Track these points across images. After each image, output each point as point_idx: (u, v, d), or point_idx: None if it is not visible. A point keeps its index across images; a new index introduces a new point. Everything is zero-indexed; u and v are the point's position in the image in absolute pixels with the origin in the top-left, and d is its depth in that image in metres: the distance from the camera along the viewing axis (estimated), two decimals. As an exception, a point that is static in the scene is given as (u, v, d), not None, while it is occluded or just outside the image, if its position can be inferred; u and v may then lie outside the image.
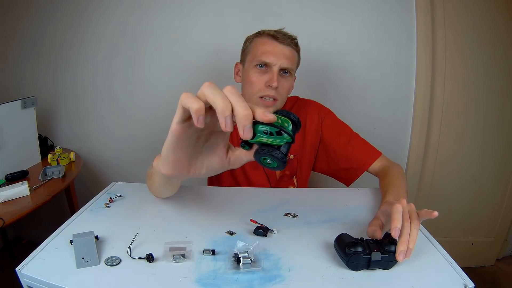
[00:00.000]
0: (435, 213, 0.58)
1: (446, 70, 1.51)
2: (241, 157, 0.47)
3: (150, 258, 0.57)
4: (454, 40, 1.48)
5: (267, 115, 0.37)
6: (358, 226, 0.70)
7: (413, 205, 0.61)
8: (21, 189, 1.12)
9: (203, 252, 0.59)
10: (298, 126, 0.41)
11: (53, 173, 1.31)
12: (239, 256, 0.55)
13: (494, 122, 1.58)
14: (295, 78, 1.05)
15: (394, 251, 0.53)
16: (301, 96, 1.13)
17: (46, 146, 1.61)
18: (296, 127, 0.41)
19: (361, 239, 0.56)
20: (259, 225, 0.67)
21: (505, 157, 1.63)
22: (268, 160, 0.41)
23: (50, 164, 1.42)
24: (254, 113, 0.37)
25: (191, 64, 1.57)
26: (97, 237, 0.61)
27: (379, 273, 0.54)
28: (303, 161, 1.08)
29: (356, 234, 0.59)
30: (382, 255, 0.53)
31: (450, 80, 1.53)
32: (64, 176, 1.31)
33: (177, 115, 0.40)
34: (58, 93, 1.66)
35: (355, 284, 0.52)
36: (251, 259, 0.55)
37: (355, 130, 1.05)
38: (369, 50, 1.51)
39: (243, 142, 0.42)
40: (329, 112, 1.08)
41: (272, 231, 0.67)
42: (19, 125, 1.35)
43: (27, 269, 0.55)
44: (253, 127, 0.37)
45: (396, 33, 1.49)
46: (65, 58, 1.61)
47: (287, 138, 0.39)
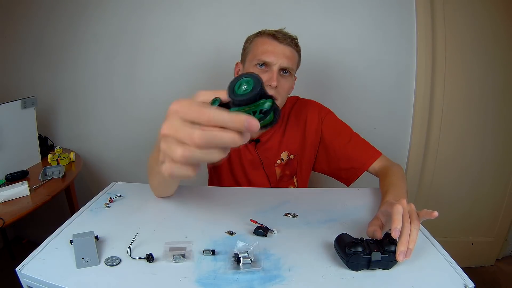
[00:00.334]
0: (435, 213, 0.58)
1: (446, 70, 1.51)
2: None
3: (150, 258, 0.57)
4: (454, 40, 1.48)
5: (250, 128, 0.32)
6: (358, 226, 0.70)
7: (413, 205, 0.61)
8: (21, 189, 1.12)
9: (203, 252, 0.59)
10: (259, 88, 0.35)
11: (53, 173, 1.31)
12: (239, 256, 0.56)
13: (494, 122, 1.58)
14: (295, 78, 1.05)
15: (394, 251, 0.53)
16: (301, 96, 1.13)
17: (46, 146, 1.62)
18: (262, 90, 0.35)
19: (361, 239, 0.56)
20: (259, 225, 0.67)
21: (505, 157, 1.63)
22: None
23: (50, 164, 1.42)
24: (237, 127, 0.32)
25: (191, 64, 1.57)
26: (97, 237, 0.61)
27: (379, 273, 0.54)
28: (303, 161, 1.08)
29: (356, 234, 0.59)
30: (382, 255, 0.53)
31: (450, 80, 1.52)
32: (64, 176, 1.31)
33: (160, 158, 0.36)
34: (58, 93, 1.66)
35: (355, 284, 0.52)
36: (251, 259, 0.55)
37: (355, 130, 1.05)
38: (369, 50, 1.51)
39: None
40: (329, 112, 1.08)
41: (272, 231, 0.67)
42: (19, 125, 1.35)
43: (27, 269, 0.55)
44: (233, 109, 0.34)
45: (396, 33, 1.49)
46: (65, 58, 1.61)
47: (272, 110, 0.35)
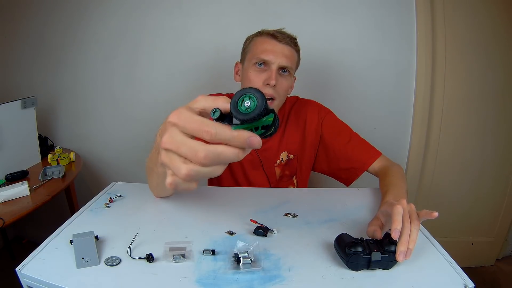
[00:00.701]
0: (435, 214, 0.58)
1: (446, 70, 1.51)
2: None
3: (150, 258, 0.57)
4: (454, 40, 1.48)
5: (252, 145, 0.33)
6: (358, 226, 0.70)
7: (413, 206, 0.61)
8: (21, 189, 1.12)
9: (203, 252, 0.59)
10: (263, 107, 0.35)
11: (53, 173, 1.31)
12: (239, 256, 0.55)
13: (494, 122, 1.58)
14: (295, 78, 1.05)
15: (394, 251, 0.53)
16: (301, 96, 1.13)
17: (46, 146, 1.61)
18: (266, 106, 0.36)
19: (361, 239, 0.56)
20: (259, 225, 0.67)
21: (505, 157, 1.63)
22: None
23: (50, 164, 1.42)
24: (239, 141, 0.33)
25: (191, 64, 1.57)
26: (97, 237, 0.61)
27: (379, 273, 0.54)
28: (303, 161, 1.08)
29: (356, 234, 0.59)
30: (382, 255, 0.53)
31: (450, 80, 1.52)
32: (64, 176, 1.31)
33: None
34: (58, 93, 1.66)
35: (355, 284, 0.52)
36: (251, 259, 0.55)
37: (355, 130, 1.05)
38: (369, 50, 1.51)
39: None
40: (329, 112, 1.08)
41: (272, 231, 0.67)
42: (19, 125, 1.35)
43: (27, 269, 0.55)
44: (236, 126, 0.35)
45: (396, 33, 1.49)
46: (65, 58, 1.61)
47: (274, 124, 0.36)
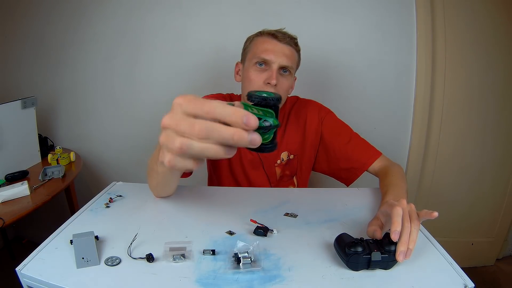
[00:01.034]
0: (435, 214, 0.58)
1: (446, 70, 1.51)
2: None
3: (150, 258, 0.57)
4: (454, 40, 1.48)
5: (249, 124, 0.32)
6: (358, 226, 0.70)
7: (413, 206, 0.61)
8: (21, 189, 1.12)
9: (203, 252, 0.59)
10: (277, 106, 0.37)
11: (53, 173, 1.31)
12: (239, 256, 0.55)
13: (494, 122, 1.58)
14: (295, 78, 1.05)
15: (394, 251, 0.53)
16: (301, 96, 1.13)
17: (46, 146, 1.61)
18: (276, 109, 0.37)
19: (361, 239, 0.56)
20: (259, 225, 0.67)
21: (505, 157, 1.63)
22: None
23: (50, 164, 1.42)
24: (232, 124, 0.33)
25: (191, 64, 1.57)
26: (97, 237, 0.61)
27: (379, 273, 0.54)
28: (303, 161, 1.08)
29: (356, 234, 0.59)
30: (382, 255, 0.53)
31: (450, 80, 1.52)
32: (64, 176, 1.31)
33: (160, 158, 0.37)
34: (58, 93, 1.66)
35: (355, 284, 0.52)
36: (251, 259, 0.55)
37: (355, 130, 1.05)
38: (369, 50, 1.51)
39: None
40: (329, 112, 1.08)
41: (272, 231, 0.67)
42: (19, 125, 1.35)
43: (27, 269, 0.55)
44: None
45: (396, 33, 1.49)
46: (65, 58, 1.61)
47: (274, 128, 0.37)
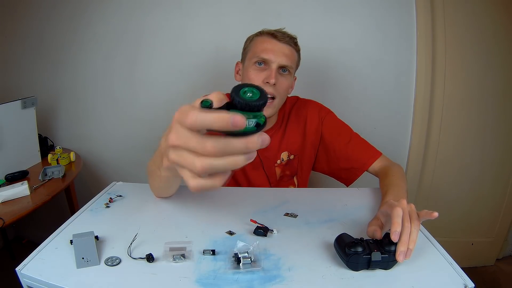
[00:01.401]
0: (435, 214, 0.58)
1: (446, 70, 1.51)
2: None
3: (150, 258, 0.57)
4: (454, 40, 1.48)
5: (237, 126, 0.31)
6: (358, 226, 0.70)
7: (413, 206, 0.61)
8: (21, 189, 1.12)
9: (203, 252, 0.59)
10: (262, 104, 0.34)
11: (53, 173, 1.31)
12: (239, 256, 0.56)
13: (494, 122, 1.58)
14: (295, 78, 1.05)
15: (394, 251, 0.53)
16: (301, 96, 1.13)
17: (46, 146, 1.61)
18: (261, 103, 0.34)
19: (361, 239, 0.56)
20: (259, 225, 0.67)
21: (505, 157, 1.63)
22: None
23: (50, 164, 1.42)
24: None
25: (191, 64, 1.57)
26: (97, 237, 0.61)
27: (379, 273, 0.54)
28: (303, 161, 1.08)
29: (356, 234, 0.60)
30: (382, 255, 0.53)
31: (450, 80, 1.52)
32: (64, 176, 1.31)
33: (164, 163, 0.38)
34: (58, 93, 1.66)
35: (355, 284, 0.52)
36: (251, 259, 0.55)
37: (355, 130, 1.05)
38: (369, 50, 1.51)
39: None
40: (329, 112, 1.08)
41: (272, 231, 0.67)
42: (19, 125, 1.35)
43: (27, 269, 0.55)
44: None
45: (396, 33, 1.49)
46: (65, 58, 1.61)
47: (263, 127, 0.34)
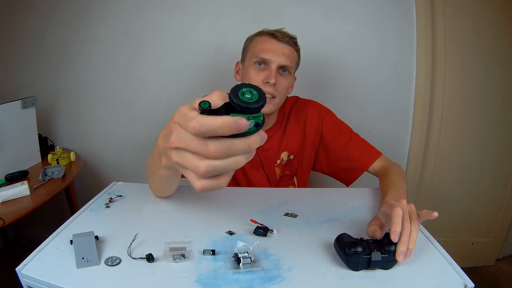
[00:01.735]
0: (435, 214, 0.58)
1: (446, 70, 1.51)
2: None
3: (150, 258, 0.57)
4: (454, 40, 1.48)
5: (240, 129, 0.31)
6: (358, 226, 0.70)
7: (413, 206, 0.61)
8: (21, 189, 1.11)
9: (203, 252, 0.59)
10: (261, 106, 0.35)
11: (53, 173, 1.31)
12: (239, 256, 0.56)
13: (494, 122, 1.58)
14: (295, 78, 1.05)
15: (394, 251, 0.53)
16: (301, 96, 1.13)
17: (46, 146, 1.61)
18: (260, 103, 0.35)
19: (361, 239, 0.56)
20: (259, 225, 0.67)
21: (505, 156, 1.63)
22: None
23: (50, 164, 1.42)
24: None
25: (191, 64, 1.57)
26: (97, 237, 0.61)
27: (379, 273, 0.54)
28: (303, 161, 1.08)
29: (356, 234, 0.60)
30: (382, 255, 0.53)
31: (450, 80, 1.52)
32: (64, 176, 1.31)
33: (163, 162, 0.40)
34: (58, 92, 1.66)
35: (355, 284, 0.52)
36: (251, 259, 0.55)
37: (355, 130, 1.05)
38: (369, 50, 1.51)
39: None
40: (329, 112, 1.08)
41: (272, 231, 0.67)
42: (19, 125, 1.35)
43: (27, 269, 0.55)
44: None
45: (396, 33, 1.49)
46: (65, 58, 1.61)
47: (261, 126, 0.35)
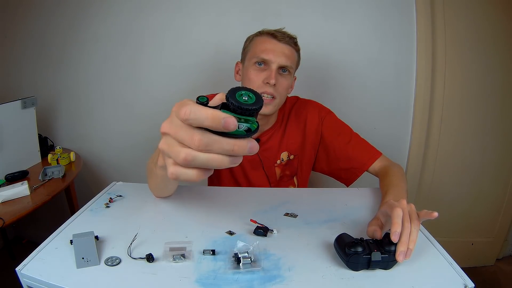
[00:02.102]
0: (435, 214, 0.58)
1: (446, 70, 1.51)
2: None
3: (150, 258, 0.57)
4: (454, 40, 1.48)
5: (227, 128, 0.31)
6: (358, 226, 0.70)
7: (413, 206, 0.61)
8: (21, 189, 1.11)
9: (203, 252, 0.59)
10: (256, 109, 0.34)
11: (53, 173, 1.31)
12: (239, 256, 0.56)
13: (493, 122, 1.58)
14: (295, 78, 1.05)
15: (394, 251, 0.53)
16: (301, 96, 1.13)
17: (46, 146, 1.61)
18: (257, 109, 0.34)
19: (361, 239, 0.56)
20: (259, 225, 0.67)
21: (504, 156, 1.63)
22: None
23: (50, 164, 1.42)
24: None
25: (191, 64, 1.57)
26: (97, 237, 0.61)
27: (379, 273, 0.54)
28: (303, 161, 1.08)
29: (356, 234, 0.60)
30: (382, 255, 0.53)
31: (450, 80, 1.52)
32: (64, 176, 1.31)
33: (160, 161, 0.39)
34: (58, 92, 1.66)
35: (355, 284, 0.52)
36: (251, 259, 0.55)
37: (355, 130, 1.05)
38: (369, 50, 1.51)
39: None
40: (329, 112, 1.08)
41: (272, 231, 0.67)
42: (19, 125, 1.35)
43: (27, 269, 0.55)
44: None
45: (396, 33, 1.49)
46: (65, 58, 1.61)
47: (254, 133, 0.35)
